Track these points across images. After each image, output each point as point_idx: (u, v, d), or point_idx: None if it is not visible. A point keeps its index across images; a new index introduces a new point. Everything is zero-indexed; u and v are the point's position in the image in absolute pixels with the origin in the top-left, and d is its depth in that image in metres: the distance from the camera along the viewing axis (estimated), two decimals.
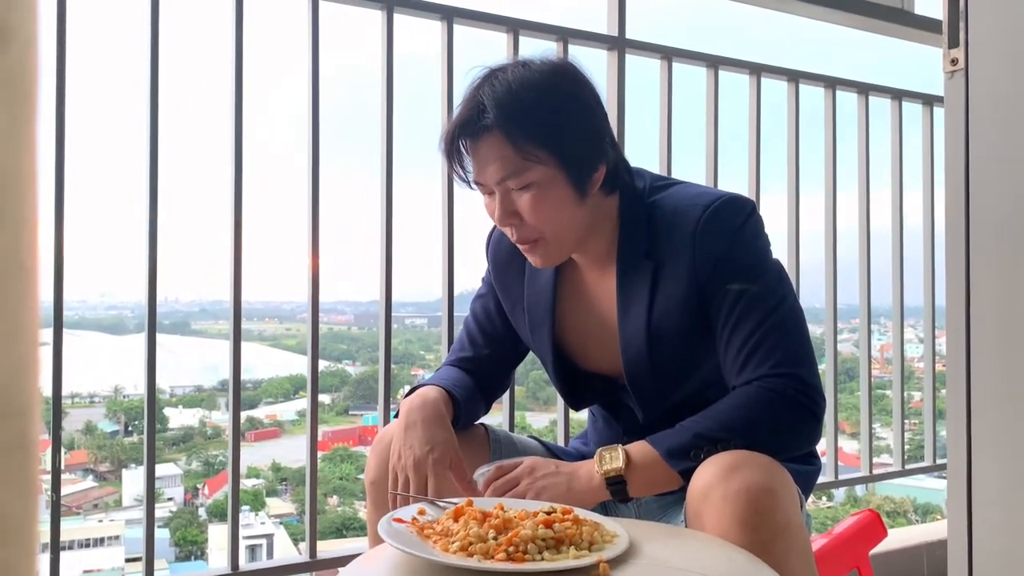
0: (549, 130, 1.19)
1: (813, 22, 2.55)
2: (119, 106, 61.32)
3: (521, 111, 1.18)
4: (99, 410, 16.62)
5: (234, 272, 1.69)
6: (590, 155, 1.23)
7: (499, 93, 1.19)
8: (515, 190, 1.21)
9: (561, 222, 1.23)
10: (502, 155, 1.19)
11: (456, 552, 0.92)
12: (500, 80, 1.21)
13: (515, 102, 1.18)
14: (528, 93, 1.19)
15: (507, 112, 1.18)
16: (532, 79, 1.21)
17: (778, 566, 0.98)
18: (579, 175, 1.22)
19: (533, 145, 1.18)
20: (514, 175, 1.20)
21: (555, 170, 1.20)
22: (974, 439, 1.08)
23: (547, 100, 1.20)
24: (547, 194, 1.20)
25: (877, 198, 2.64)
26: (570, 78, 1.24)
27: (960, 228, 1.10)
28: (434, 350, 7.27)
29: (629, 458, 1.16)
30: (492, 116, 1.18)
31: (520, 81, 1.20)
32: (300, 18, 1.79)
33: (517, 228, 1.24)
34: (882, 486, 9.23)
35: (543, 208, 1.21)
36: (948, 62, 1.10)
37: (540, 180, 1.20)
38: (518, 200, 1.22)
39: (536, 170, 1.19)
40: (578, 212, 1.24)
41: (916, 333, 3.44)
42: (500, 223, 1.25)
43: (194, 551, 13.14)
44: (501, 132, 1.19)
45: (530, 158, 1.18)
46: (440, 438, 1.23)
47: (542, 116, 1.19)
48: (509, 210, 1.22)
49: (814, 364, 1.22)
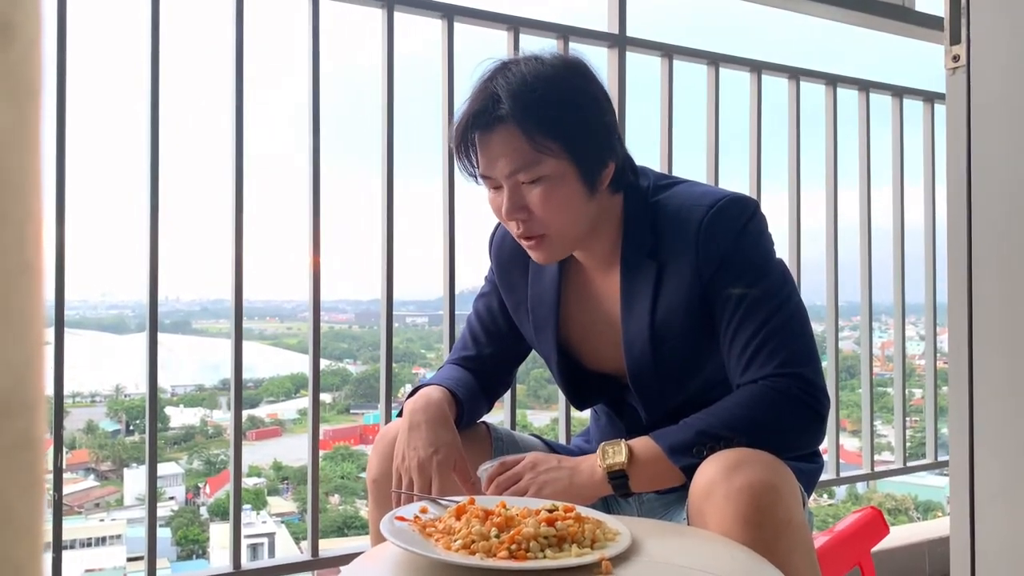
0: (563, 123, 1.19)
1: (814, 19, 2.55)
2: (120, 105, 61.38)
3: (535, 103, 1.18)
4: (100, 409, 16.62)
5: (235, 271, 1.69)
6: (601, 151, 1.23)
7: (513, 85, 1.19)
8: (525, 183, 1.21)
9: (569, 217, 1.22)
10: (514, 147, 1.19)
11: (458, 550, 0.92)
12: (514, 72, 1.20)
13: (530, 94, 1.18)
14: (542, 86, 1.19)
15: (522, 104, 1.17)
16: (546, 72, 1.20)
17: (781, 564, 0.98)
18: (590, 171, 1.22)
19: (547, 138, 1.18)
20: (525, 168, 1.19)
21: (567, 164, 1.20)
22: (976, 436, 1.08)
23: (561, 94, 1.20)
24: (557, 188, 1.20)
25: (878, 195, 2.65)
26: (581, 73, 1.24)
27: (962, 225, 1.09)
28: (435, 349, 7.27)
29: (632, 453, 1.16)
30: (507, 107, 1.18)
31: (534, 74, 1.20)
32: (301, 17, 1.79)
33: (524, 222, 1.23)
34: (883, 483, 9.22)
35: (553, 202, 1.20)
36: (950, 59, 1.10)
37: (551, 174, 1.19)
38: (528, 194, 1.21)
39: (548, 163, 1.19)
40: (586, 208, 1.24)
41: (917, 330, 3.44)
42: (507, 217, 1.23)
43: (195, 550, 13.15)
44: (515, 124, 1.18)
45: (543, 151, 1.18)
46: (444, 440, 1.23)
47: (556, 109, 1.19)
48: (518, 204, 1.21)
49: (818, 364, 1.22)
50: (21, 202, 0.24)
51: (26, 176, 0.24)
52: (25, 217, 0.24)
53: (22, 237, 0.24)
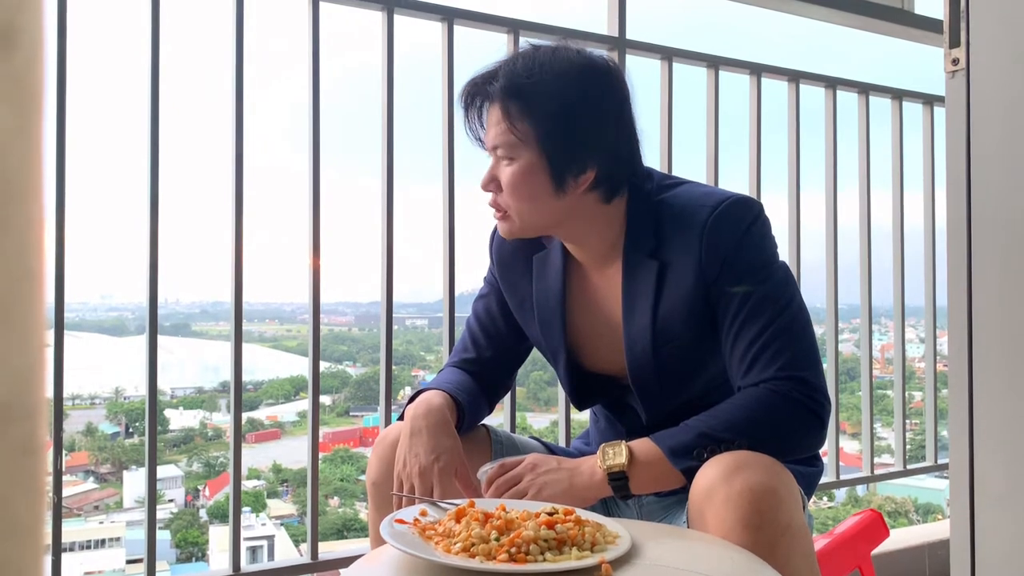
0: (543, 117, 1.21)
1: (813, 22, 2.55)
2: (120, 108, 61.38)
3: (525, 90, 1.21)
4: (100, 412, 16.61)
5: (235, 273, 1.69)
6: (578, 155, 1.23)
7: (519, 68, 1.23)
8: (502, 159, 1.25)
9: (530, 206, 1.25)
10: (498, 124, 1.24)
11: (458, 553, 0.92)
12: (530, 56, 1.24)
13: (525, 80, 1.21)
14: (543, 77, 1.21)
15: (514, 87, 1.22)
16: (557, 67, 1.22)
17: (781, 567, 0.98)
18: (560, 170, 1.23)
19: (524, 125, 1.22)
20: (503, 146, 1.24)
21: (537, 156, 1.22)
22: (976, 438, 1.08)
23: (557, 90, 1.21)
24: (525, 175, 1.23)
25: (878, 198, 2.64)
26: (594, 80, 1.24)
27: (961, 227, 1.09)
28: (435, 351, 7.27)
29: (632, 454, 1.16)
30: (498, 86, 1.23)
31: (545, 64, 1.22)
32: (301, 19, 1.79)
33: (494, 194, 1.29)
34: (883, 486, 9.22)
35: (515, 186, 1.24)
36: (949, 62, 1.10)
37: (522, 159, 1.23)
38: (501, 171, 1.26)
39: (521, 149, 1.23)
40: (551, 204, 1.25)
41: (917, 333, 3.44)
42: (482, 185, 1.29)
43: (195, 553, 13.13)
44: (499, 104, 1.23)
45: (518, 136, 1.22)
46: (446, 446, 1.23)
47: (544, 102, 1.21)
48: (493, 176, 1.27)
49: (820, 367, 1.22)
50: (23, 208, 0.24)
51: (28, 182, 0.24)
52: (27, 223, 0.24)
53: (24, 243, 0.24)
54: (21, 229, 0.24)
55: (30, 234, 0.24)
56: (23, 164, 0.24)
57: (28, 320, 0.25)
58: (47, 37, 0.26)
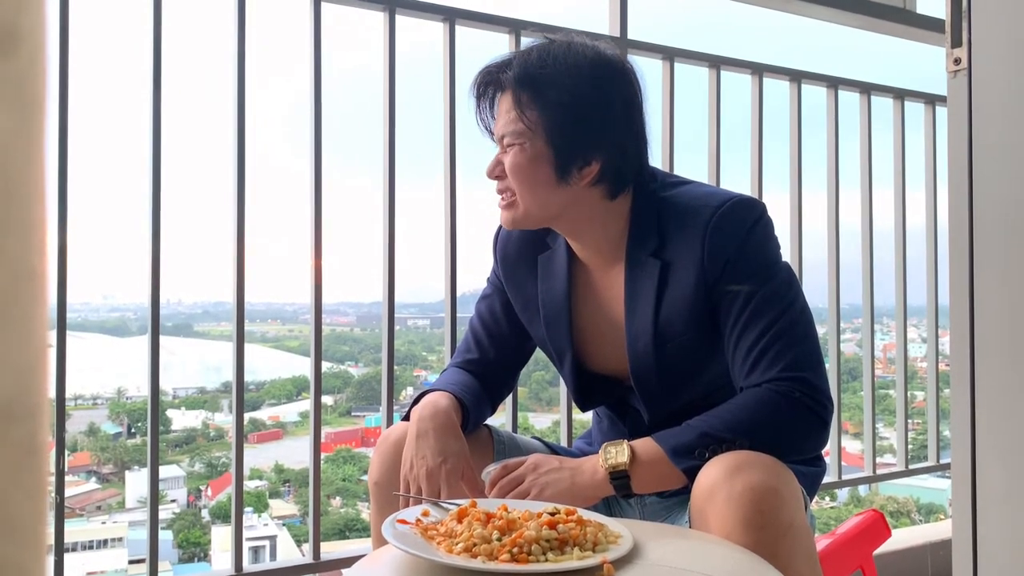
0: (552, 106, 1.22)
1: (815, 22, 2.55)
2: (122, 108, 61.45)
3: (537, 80, 1.23)
4: (102, 412, 16.62)
5: (237, 274, 1.69)
6: (583, 147, 1.24)
7: (532, 57, 1.24)
8: (508, 146, 1.26)
9: (532, 194, 1.26)
10: (508, 112, 1.25)
11: (460, 553, 0.92)
12: (545, 48, 1.25)
13: (538, 70, 1.23)
14: (557, 70, 1.23)
15: (524, 79, 1.23)
16: (571, 60, 1.23)
17: (782, 567, 0.98)
18: (565, 162, 1.24)
19: (532, 116, 1.23)
20: (510, 134, 1.25)
21: (544, 146, 1.23)
22: (978, 438, 1.08)
23: (568, 80, 1.22)
24: (529, 163, 1.24)
25: (880, 197, 2.64)
26: (606, 74, 1.25)
27: (964, 227, 1.09)
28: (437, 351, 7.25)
29: (634, 453, 1.16)
30: (511, 75, 1.24)
31: (559, 56, 1.24)
32: (302, 19, 1.79)
33: (499, 179, 1.30)
34: (885, 486, 9.20)
35: (519, 171, 1.25)
36: (951, 62, 1.10)
37: (528, 146, 1.24)
38: (506, 156, 1.27)
39: (528, 136, 1.24)
40: (553, 193, 1.26)
41: (919, 333, 3.44)
42: (488, 171, 1.30)
43: (197, 553, 13.14)
44: (511, 92, 1.24)
45: (526, 123, 1.23)
46: (452, 449, 1.23)
47: (554, 92, 1.22)
48: (500, 160, 1.29)
49: (823, 368, 1.22)
50: (25, 210, 0.24)
51: (30, 183, 0.24)
52: (29, 224, 0.24)
53: (27, 244, 0.24)
54: (23, 229, 0.24)
55: (32, 234, 0.25)
56: (25, 165, 0.24)
57: (30, 320, 0.25)
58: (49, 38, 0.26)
